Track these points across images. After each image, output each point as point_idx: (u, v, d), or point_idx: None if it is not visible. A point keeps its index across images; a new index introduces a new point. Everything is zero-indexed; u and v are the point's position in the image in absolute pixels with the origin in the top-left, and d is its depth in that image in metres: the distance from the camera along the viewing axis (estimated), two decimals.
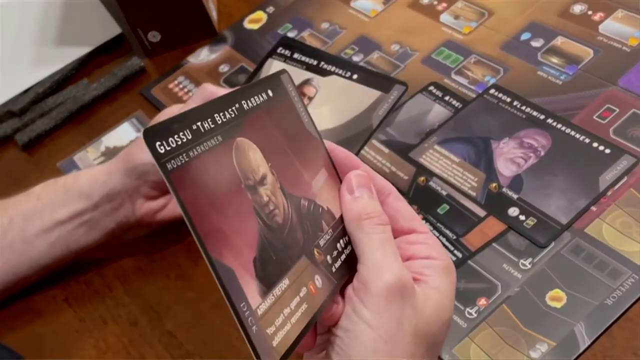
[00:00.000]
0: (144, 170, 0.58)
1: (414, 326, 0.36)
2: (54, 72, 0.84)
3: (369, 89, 0.58)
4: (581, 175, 0.57)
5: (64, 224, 0.59)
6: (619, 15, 0.67)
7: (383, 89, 0.57)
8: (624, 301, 0.50)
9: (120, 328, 0.60)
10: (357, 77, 0.59)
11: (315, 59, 0.62)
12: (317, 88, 0.60)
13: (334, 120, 0.57)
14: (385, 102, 0.57)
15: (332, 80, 0.60)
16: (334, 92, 0.59)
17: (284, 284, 0.35)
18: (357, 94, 0.58)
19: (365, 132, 0.56)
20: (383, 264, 0.36)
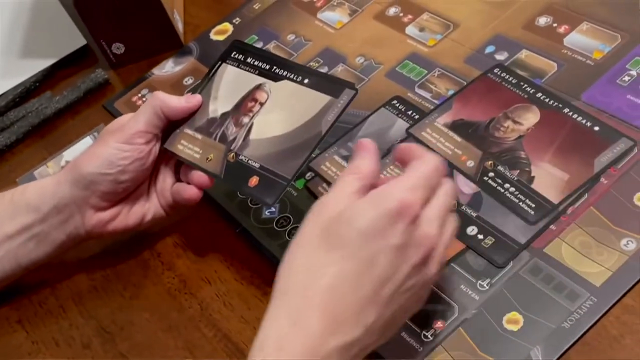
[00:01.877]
0: (92, 180, 0.56)
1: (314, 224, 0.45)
2: (16, 84, 0.83)
3: (318, 93, 0.56)
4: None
5: (12, 238, 0.58)
6: (584, 28, 0.66)
7: (333, 94, 0.55)
8: (582, 324, 0.48)
9: (72, 350, 0.59)
10: (307, 82, 0.57)
11: (268, 64, 0.60)
12: (268, 93, 0.59)
13: (283, 126, 0.56)
14: (334, 107, 0.55)
15: (284, 85, 0.58)
16: (284, 97, 0.58)
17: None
18: (307, 99, 0.56)
19: (314, 138, 0.54)
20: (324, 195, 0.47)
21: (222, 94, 0.61)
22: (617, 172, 0.55)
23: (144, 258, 0.63)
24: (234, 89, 0.61)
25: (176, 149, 0.59)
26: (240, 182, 0.56)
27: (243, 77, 0.61)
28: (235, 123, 0.58)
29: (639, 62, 0.62)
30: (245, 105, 0.59)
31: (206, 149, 0.58)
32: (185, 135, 0.59)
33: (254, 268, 0.60)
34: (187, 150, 0.59)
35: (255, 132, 0.57)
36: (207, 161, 0.57)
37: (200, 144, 0.58)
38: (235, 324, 0.56)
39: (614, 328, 0.48)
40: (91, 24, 0.79)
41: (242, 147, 0.57)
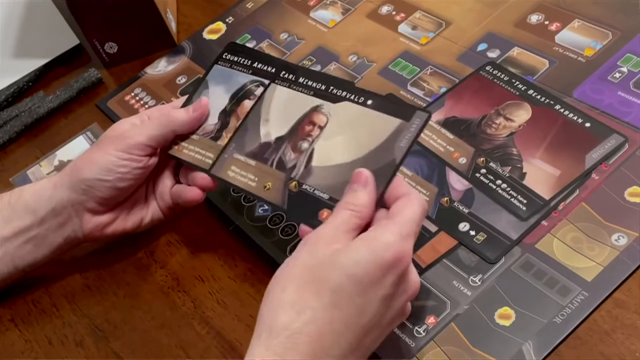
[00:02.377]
0: (90, 185, 0.56)
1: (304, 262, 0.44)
2: (9, 84, 0.82)
3: (387, 116, 0.50)
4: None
5: (9, 240, 0.58)
6: (575, 25, 0.66)
7: (403, 117, 0.50)
8: (573, 319, 0.49)
9: (66, 349, 0.59)
10: (371, 104, 0.52)
11: (323, 84, 0.55)
12: (328, 116, 0.54)
13: (350, 153, 0.51)
14: (406, 131, 0.49)
15: (344, 106, 0.53)
16: (346, 120, 0.53)
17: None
18: (373, 122, 0.51)
19: (388, 167, 0.48)
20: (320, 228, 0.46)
21: (274, 117, 0.57)
22: (608, 168, 0.55)
23: (138, 257, 0.63)
24: (288, 111, 0.56)
25: (226, 175, 0.56)
26: (307, 215, 0.50)
27: (297, 98, 0.56)
28: (293, 148, 0.54)
29: (630, 59, 0.62)
30: (302, 129, 0.54)
31: (262, 176, 0.54)
32: (235, 161, 0.56)
33: (247, 266, 0.60)
34: (239, 177, 0.55)
35: (317, 158, 0.53)
36: (265, 190, 0.53)
37: (255, 170, 0.54)
38: (229, 322, 0.56)
39: (605, 322, 0.48)
40: (84, 23, 0.79)
41: (305, 175, 0.52)
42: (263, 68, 0.60)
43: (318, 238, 0.45)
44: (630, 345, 0.47)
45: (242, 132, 0.57)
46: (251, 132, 0.57)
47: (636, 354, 0.46)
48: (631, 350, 0.46)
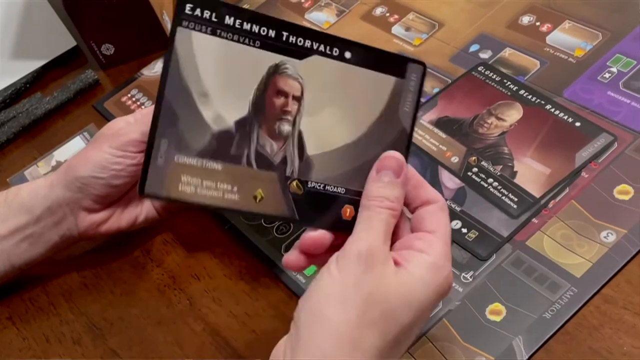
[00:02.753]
0: (85, 183, 0.57)
1: (368, 290, 0.39)
2: (7, 85, 0.83)
3: (376, 73, 0.41)
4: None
5: (6, 238, 0.58)
6: (566, 27, 0.67)
7: (395, 73, 0.41)
8: (563, 314, 0.49)
9: (63, 347, 0.59)
10: (351, 57, 0.41)
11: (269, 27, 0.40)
12: (299, 79, 0.41)
13: (351, 129, 0.41)
14: (406, 91, 0.41)
15: (316, 63, 0.40)
16: (327, 83, 0.41)
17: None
18: (362, 83, 0.41)
19: (401, 140, 0.41)
20: (363, 236, 0.41)
21: (214, 87, 0.41)
22: (597, 167, 0.56)
23: (134, 255, 0.64)
24: (233, 77, 0.41)
25: (179, 193, 0.40)
26: (327, 218, 0.42)
27: (238, 54, 0.41)
28: (270, 135, 0.42)
29: (619, 60, 0.63)
30: (270, 103, 0.42)
31: (243, 183, 0.41)
32: (182, 167, 0.40)
33: (242, 264, 0.60)
34: (205, 192, 0.40)
35: (311, 143, 0.42)
36: (258, 202, 0.41)
37: (227, 177, 0.41)
38: (224, 319, 0.57)
39: (593, 318, 0.49)
40: (81, 25, 0.80)
41: (305, 170, 0.42)
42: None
43: (361, 256, 0.40)
44: (618, 339, 0.48)
45: (170, 118, 0.40)
46: (186, 116, 0.40)
47: (624, 348, 0.47)
48: (619, 344, 0.47)
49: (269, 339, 0.54)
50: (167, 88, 0.40)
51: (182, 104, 0.40)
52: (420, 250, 0.42)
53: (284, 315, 0.56)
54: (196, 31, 0.40)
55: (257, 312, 0.57)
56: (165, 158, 0.40)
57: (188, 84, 0.41)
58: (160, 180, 0.40)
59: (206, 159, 0.41)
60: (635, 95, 0.60)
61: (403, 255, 0.42)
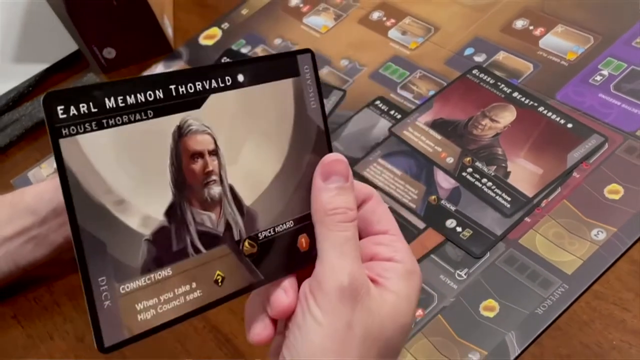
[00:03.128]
0: None
1: (364, 329, 0.36)
2: (10, 89, 0.85)
3: (271, 84, 0.38)
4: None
5: (11, 240, 0.60)
6: (559, 31, 0.69)
7: (287, 74, 0.38)
8: (554, 310, 0.51)
9: (66, 344, 0.61)
10: (245, 79, 0.37)
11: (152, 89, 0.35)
12: (208, 130, 0.36)
13: (273, 156, 0.38)
14: (305, 86, 0.39)
15: (217, 103, 0.36)
16: (232, 119, 0.37)
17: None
18: (264, 100, 0.38)
19: (320, 139, 0.39)
20: (338, 263, 0.37)
21: (127, 187, 0.34)
22: (589, 167, 0.58)
23: None
24: (142, 164, 0.35)
25: (143, 324, 0.34)
26: (289, 260, 0.39)
27: (136, 136, 0.34)
28: (203, 207, 0.36)
29: (610, 63, 0.64)
30: (191, 172, 0.36)
31: (199, 275, 0.36)
32: (132, 296, 0.34)
33: None
34: (165, 307, 0.35)
35: (245, 193, 0.38)
36: (220, 286, 0.37)
37: (181, 279, 0.35)
38: (225, 316, 0.58)
39: (584, 313, 0.50)
40: (83, 29, 0.81)
41: (250, 225, 0.38)
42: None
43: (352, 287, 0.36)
44: (607, 334, 0.49)
45: (96, 249, 0.33)
46: (112, 237, 0.34)
47: (613, 342, 0.48)
48: (608, 339, 0.49)
49: None
50: (78, 215, 0.33)
51: (101, 226, 0.33)
52: (388, 259, 0.39)
53: None
54: (80, 134, 0.33)
55: None
56: (110, 297, 0.33)
57: (98, 198, 0.33)
58: (116, 324, 0.34)
59: (152, 272, 0.35)
60: (625, 97, 0.61)
61: (374, 269, 0.39)
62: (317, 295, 0.36)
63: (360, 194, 0.40)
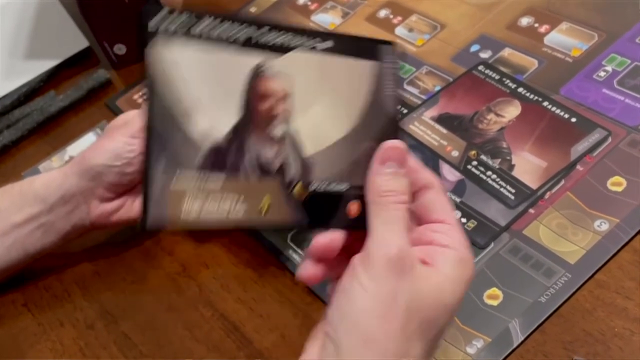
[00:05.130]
0: (99, 171, 0.59)
1: (407, 300, 0.38)
2: (22, 84, 0.86)
3: (353, 60, 0.41)
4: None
5: (20, 227, 0.61)
6: (564, 28, 0.70)
7: (370, 56, 0.41)
8: (557, 298, 0.52)
9: (77, 331, 0.62)
10: (328, 47, 0.40)
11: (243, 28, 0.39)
12: (285, 79, 0.40)
13: (344, 121, 0.41)
14: (385, 73, 0.41)
15: (296, 58, 0.40)
16: (310, 76, 0.40)
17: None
18: (343, 71, 0.41)
19: (390, 125, 0.41)
20: (388, 237, 0.39)
21: (196, 100, 0.38)
22: (592, 160, 0.59)
23: (146, 246, 0.66)
24: (214, 86, 0.39)
25: (184, 221, 0.38)
26: (336, 218, 0.41)
27: (215, 61, 0.39)
28: (263, 141, 0.40)
29: (614, 59, 0.65)
30: (257, 108, 0.40)
31: (245, 198, 0.39)
32: (181, 194, 0.38)
33: (250, 253, 0.63)
34: (207, 214, 0.38)
35: (308, 143, 0.41)
36: (264, 213, 0.39)
37: (227, 195, 0.39)
38: (232, 305, 0.59)
39: (586, 302, 0.51)
40: (94, 26, 0.82)
41: (305, 172, 0.40)
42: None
43: (400, 260, 0.38)
44: (609, 322, 0.50)
45: (160, 146, 0.38)
46: (176, 140, 0.38)
47: (615, 329, 0.49)
48: (610, 326, 0.49)
49: (275, 323, 0.57)
50: (152, 115, 0.38)
51: (169, 128, 0.38)
52: (443, 245, 0.41)
53: (289, 301, 0.58)
54: (168, 48, 0.38)
55: (263, 297, 0.59)
56: (162, 188, 0.38)
57: (170, 105, 0.38)
58: (161, 211, 0.38)
59: (204, 180, 0.38)
60: (628, 92, 0.62)
61: (428, 253, 0.41)
62: (365, 265, 0.39)
63: (421, 180, 0.42)
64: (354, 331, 0.38)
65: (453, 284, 0.40)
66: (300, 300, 0.58)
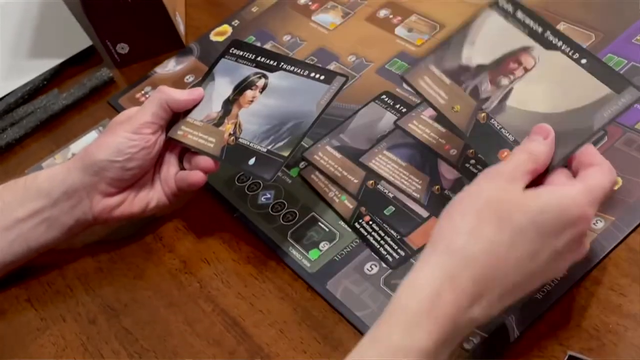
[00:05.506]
0: (102, 166, 0.60)
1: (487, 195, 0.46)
2: (26, 82, 0.87)
3: (596, 81, 0.50)
4: None
5: (24, 221, 0.62)
6: (561, 28, 0.70)
7: (614, 87, 0.49)
8: (553, 295, 0.52)
9: (79, 326, 0.62)
10: (585, 63, 0.51)
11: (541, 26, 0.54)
12: (537, 60, 0.53)
13: (549, 104, 0.51)
14: (613, 104, 0.49)
15: (556, 56, 0.52)
16: (554, 71, 0.52)
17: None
18: (581, 82, 0.51)
19: (583, 132, 0.49)
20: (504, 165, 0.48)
21: (481, 42, 0.57)
22: None
23: (147, 242, 0.67)
24: (496, 42, 0.56)
25: (417, 84, 0.57)
26: (488, 149, 0.53)
27: (509, 33, 0.55)
28: (491, 81, 0.55)
29: (611, 59, 0.66)
30: (506, 64, 0.55)
31: (453, 97, 0.55)
32: (430, 73, 0.57)
33: (250, 249, 0.63)
34: (430, 91, 0.57)
35: (513, 99, 0.53)
36: (453, 111, 0.55)
37: (447, 89, 0.56)
38: (232, 300, 0.60)
39: (582, 298, 0.52)
40: (97, 25, 0.83)
41: (496, 111, 0.53)
42: (266, 61, 0.65)
43: (498, 173, 0.47)
44: (604, 318, 0.50)
45: (444, 47, 0.58)
46: (453, 50, 0.57)
47: (609, 325, 0.50)
48: (605, 322, 0.50)
49: (275, 318, 0.57)
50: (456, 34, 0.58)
51: (457, 42, 0.58)
52: (558, 184, 0.47)
53: (289, 296, 0.59)
54: (496, 14, 0.57)
55: (263, 293, 0.60)
56: (425, 64, 0.58)
57: (468, 34, 0.57)
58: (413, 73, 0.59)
59: (445, 75, 0.57)
60: None
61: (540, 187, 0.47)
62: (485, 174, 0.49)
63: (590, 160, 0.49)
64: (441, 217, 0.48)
65: (544, 205, 0.45)
66: (300, 296, 0.58)
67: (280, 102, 0.61)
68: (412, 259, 0.58)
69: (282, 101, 0.61)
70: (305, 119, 0.59)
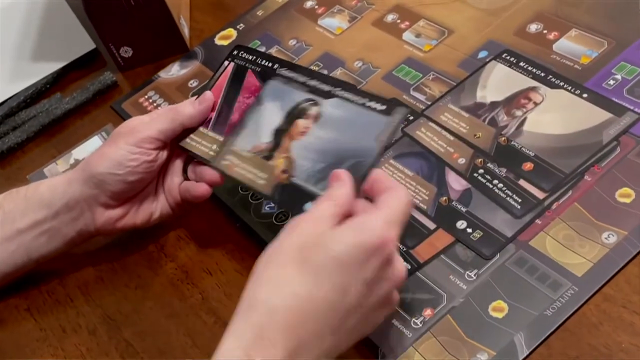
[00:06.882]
0: (102, 179, 0.59)
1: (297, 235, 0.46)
2: (28, 85, 0.86)
3: (598, 109, 0.60)
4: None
5: (24, 232, 0.61)
6: (573, 35, 0.69)
7: (615, 112, 0.60)
8: (563, 312, 0.51)
9: (79, 337, 0.61)
10: (586, 96, 0.62)
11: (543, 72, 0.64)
12: (544, 96, 0.63)
13: (560, 128, 0.60)
14: (616, 124, 0.59)
15: (560, 93, 0.63)
16: (560, 103, 0.62)
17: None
18: (585, 110, 0.61)
19: (594, 145, 0.58)
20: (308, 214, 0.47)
21: (492, 85, 0.65)
22: (600, 170, 0.58)
23: (149, 251, 0.66)
24: (505, 85, 0.65)
25: (438, 117, 0.64)
26: (513, 163, 0.59)
27: (515, 77, 0.65)
28: (506, 113, 0.62)
29: (624, 67, 0.64)
30: (518, 100, 0.63)
31: (474, 127, 0.62)
32: (448, 109, 0.64)
33: (253, 260, 0.61)
34: (451, 122, 0.63)
35: (529, 125, 0.61)
36: (475, 137, 0.61)
37: (467, 121, 0.63)
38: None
39: (593, 315, 0.50)
40: (101, 28, 0.82)
41: (515, 135, 0.61)
42: (318, 85, 0.59)
43: (299, 223, 0.47)
44: (616, 337, 0.49)
45: (459, 90, 0.66)
46: (467, 91, 0.65)
47: (622, 345, 0.48)
48: (617, 341, 0.49)
49: None
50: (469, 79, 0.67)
51: (470, 85, 0.66)
52: (359, 211, 0.47)
53: None
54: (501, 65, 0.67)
55: None
56: (443, 102, 0.66)
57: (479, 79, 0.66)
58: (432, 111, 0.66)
59: (463, 110, 0.64)
60: (638, 101, 0.61)
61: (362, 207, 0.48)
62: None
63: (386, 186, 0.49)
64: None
65: (338, 232, 0.45)
66: None
67: (336, 135, 0.55)
68: (418, 272, 0.56)
69: (337, 134, 0.55)
70: (364, 158, 0.52)
